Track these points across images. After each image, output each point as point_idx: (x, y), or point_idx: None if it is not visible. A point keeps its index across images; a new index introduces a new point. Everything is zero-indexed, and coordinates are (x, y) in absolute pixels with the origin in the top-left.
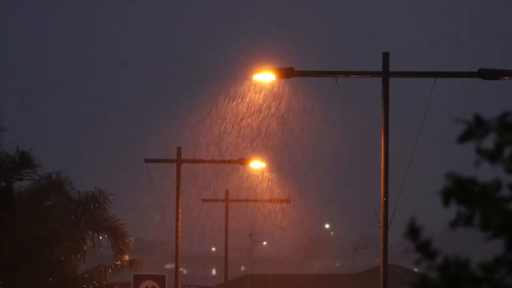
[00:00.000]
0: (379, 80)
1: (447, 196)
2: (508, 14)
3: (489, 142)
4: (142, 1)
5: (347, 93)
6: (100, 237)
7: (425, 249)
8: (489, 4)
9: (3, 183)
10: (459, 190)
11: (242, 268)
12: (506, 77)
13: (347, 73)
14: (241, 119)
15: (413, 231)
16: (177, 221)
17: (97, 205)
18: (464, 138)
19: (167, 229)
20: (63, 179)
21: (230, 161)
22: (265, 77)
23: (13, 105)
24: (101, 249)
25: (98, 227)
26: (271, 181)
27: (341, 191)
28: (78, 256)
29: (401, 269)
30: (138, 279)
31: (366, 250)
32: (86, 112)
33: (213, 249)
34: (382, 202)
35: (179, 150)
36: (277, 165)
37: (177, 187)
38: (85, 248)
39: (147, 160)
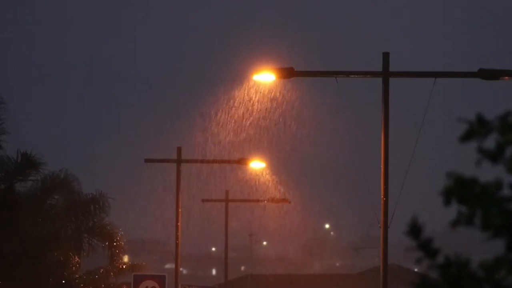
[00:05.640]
0: (379, 80)
1: (448, 195)
2: (508, 14)
3: (490, 141)
4: (142, 1)
5: (347, 93)
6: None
7: (426, 248)
8: (489, 4)
9: (4, 185)
10: (460, 190)
11: (242, 268)
12: (506, 77)
13: (347, 73)
14: (241, 119)
15: (414, 230)
16: (177, 221)
17: (97, 206)
18: (466, 137)
19: (167, 229)
20: (67, 176)
21: (230, 161)
22: (265, 77)
23: (13, 105)
24: (87, 255)
25: (93, 232)
26: (271, 181)
27: (341, 191)
28: (77, 259)
29: (401, 269)
30: (138, 279)
31: (366, 250)
32: (85, 112)
33: (213, 249)
34: (382, 202)
35: (179, 150)
36: (277, 165)
37: (177, 187)
38: (83, 251)
39: (147, 160)
